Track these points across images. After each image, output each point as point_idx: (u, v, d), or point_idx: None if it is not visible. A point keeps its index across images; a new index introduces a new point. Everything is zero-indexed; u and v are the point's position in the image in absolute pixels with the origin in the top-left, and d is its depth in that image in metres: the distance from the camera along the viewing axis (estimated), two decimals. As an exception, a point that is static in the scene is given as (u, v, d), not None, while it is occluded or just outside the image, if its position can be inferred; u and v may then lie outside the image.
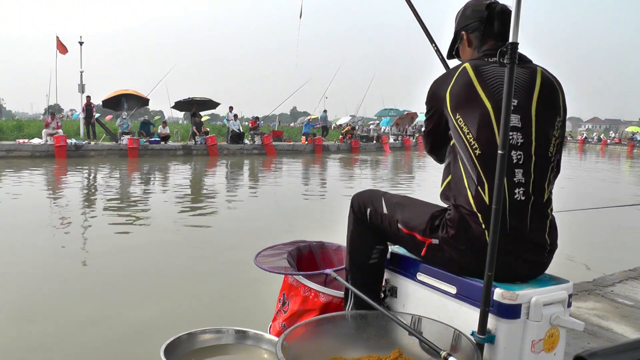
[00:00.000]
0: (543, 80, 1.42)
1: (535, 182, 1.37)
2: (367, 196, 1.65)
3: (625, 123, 73.41)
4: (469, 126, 1.36)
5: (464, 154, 1.38)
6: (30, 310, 3.36)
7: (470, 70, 1.40)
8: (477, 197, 1.35)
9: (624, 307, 2.66)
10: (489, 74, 1.39)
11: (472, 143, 1.35)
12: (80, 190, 9.54)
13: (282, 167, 15.76)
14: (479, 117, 1.35)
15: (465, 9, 1.59)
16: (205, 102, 21.53)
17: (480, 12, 1.53)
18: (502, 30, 1.50)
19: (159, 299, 3.67)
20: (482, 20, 1.52)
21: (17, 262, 4.46)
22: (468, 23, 1.56)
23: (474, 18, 1.54)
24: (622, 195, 10.80)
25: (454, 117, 1.39)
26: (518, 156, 1.36)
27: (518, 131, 1.36)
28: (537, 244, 1.39)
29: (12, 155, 14.92)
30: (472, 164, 1.36)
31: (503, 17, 1.50)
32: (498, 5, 1.52)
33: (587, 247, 5.74)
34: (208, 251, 5.12)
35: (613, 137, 45.24)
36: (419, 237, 1.47)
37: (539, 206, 1.38)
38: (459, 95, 1.39)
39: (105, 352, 2.83)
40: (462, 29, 1.58)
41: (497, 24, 1.50)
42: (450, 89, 1.41)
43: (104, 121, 23.08)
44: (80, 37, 19.77)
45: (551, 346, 1.35)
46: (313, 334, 1.44)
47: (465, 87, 1.38)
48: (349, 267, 1.69)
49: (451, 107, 1.40)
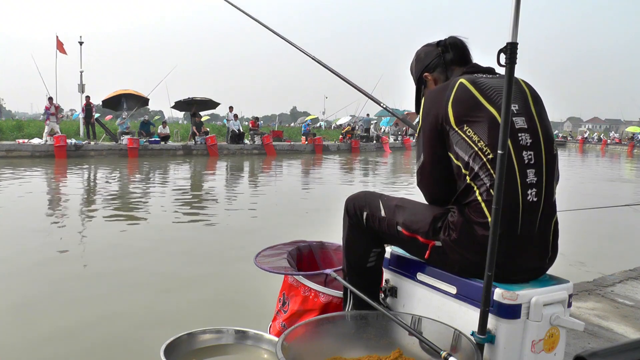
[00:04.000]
0: (527, 86, 1.47)
1: (547, 182, 1.37)
2: (363, 199, 1.63)
3: (626, 123, 73.39)
4: (479, 134, 1.34)
5: (473, 161, 1.34)
6: (30, 311, 3.36)
7: (467, 83, 1.41)
8: (488, 200, 1.31)
9: (624, 307, 2.66)
10: (484, 84, 1.41)
11: (485, 149, 1.33)
12: (80, 191, 9.54)
13: (282, 167, 15.76)
14: (487, 124, 1.34)
15: (418, 56, 1.66)
16: (205, 102, 21.53)
17: (433, 50, 1.61)
18: (462, 57, 1.57)
19: (158, 299, 3.67)
20: (439, 55, 1.59)
21: (17, 262, 4.45)
22: (427, 64, 1.61)
23: (430, 57, 1.61)
24: (623, 195, 10.80)
25: (460, 129, 1.37)
26: (529, 156, 1.35)
27: (525, 132, 1.36)
28: (542, 247, 1.39)
29: (12, 155, 14.92)
30: (484, 169, 1.33)
31: (457, 46, 1.58)
32: (447, 39, 1.60)
33: (587, 247, 5.73)
34: (208, 251, 5.12)
35: (613, 137, 45.23)
36: (421, 240, 1.46)
37: (548, 207, 1.38)
38: (464, 108, 1.38)
39: (105, 352, 2.83)
40: (423, 72, 1.63)
41: (453, 52, 1.57)
42: (451, 104, 1.39)
43: (104, 121, 23.07)
44: (80, 37, 19.79)
45: (551, 346, 1.35)
46: (313, 334, 1.44)
47: (468, 99, 1.38)
48: (347, 271, 1.68)
49: (455, 121, 1.37)
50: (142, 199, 8.68)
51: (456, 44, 1.58)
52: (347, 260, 1.67)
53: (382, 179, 12.96)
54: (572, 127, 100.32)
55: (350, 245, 1.66)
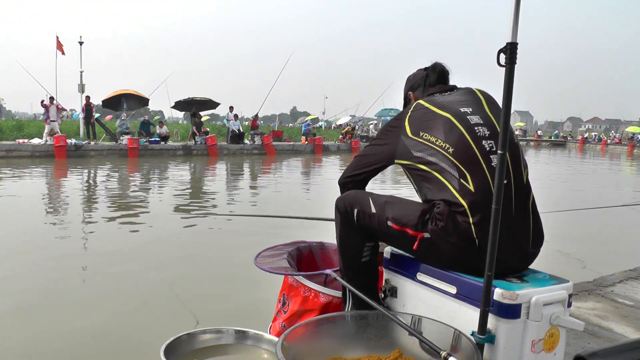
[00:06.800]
0: (482, 93, 1.65)
1: (512, 165, 1.46)
2: (353, 197, 1.66)
3: (626, 123, 73.44)
4: (437, 135, 1.51)
5: (436, 158, 1.49)
6: (30, 311, 3.36)
7: (422, 102, 1.63)
8: (462, 189, 1.42)
9: (624, 307, 2.66)
10: (439, 99, 1.62)
11: (444, 146, 1.49)
12: (80, 191, 9.54)
13: (282, 167, 15.76)
14: (442, 126, 1.52)
15: (408, 78, 1.91)
16: (205, 102, 21.53)
17: (420, 74, 1.86)
18: (439, 79, 1.79)
19: (158, 299, 3.67)
20: (423, 78, 1.83)
21: (17, 262, 4.46)
22: (412, 85, 1.86)
23: (416, 79, 1.86)
24: (623, 195, 10.80)
25: (418, 137, 1.55)
26: (490, 144, 1.48)
27: (482, 126, 1.51)
28: (524, 231, 1.46)
29: (12, 155, 14.92)
30: (448, 162, 1.46)
31: (437, 70, 1.80)
32: (431, 65, 1.83)
33: (587, 247, 5.73)
34: (208, 251, 5.12)
35: (613, 137, 45.24)
36: (410, 232, 1.50)
37: (520, 188, 1.47)
38: (419, 119, 1.58)
39: (105, 352, 2.83)
40: (408, 91, 1.87)
41: (433, 75, 1.80)
42: (408, 119, 1.61)
43: (104, 121, 23.08)
44: (80, 37, 19.80)
45: (551, 346, 1.35)
46: (313, 334, 1.44)
47: (423, 112, 1.59)
48: (343, 268, 1.70)
49: (412, 132, 1.57)
50: (141, 199, 8.69)
51: (435, 68, 1.81)
52: (343, 258, 1.69)
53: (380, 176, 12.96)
54: (572, 127, 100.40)
55: (344, 243, 1.68)
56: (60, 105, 17.23)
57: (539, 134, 51.45)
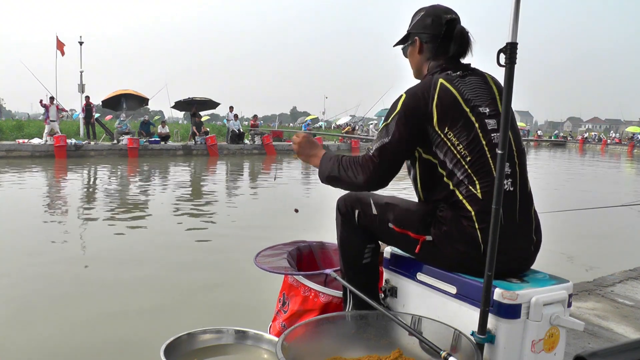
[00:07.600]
0: (495, 84, 1.54)
1: (520, 173, 1.46)
2: (354, 198, 1.65)
3: (625, 123, 73.43)
4: (460, 140, 1.43)
5: (452, 164, 1.43)
6: (30, 312, 3.36)
7: (446, 83, 1.47)
8: (470, 195, 1.40)
9: (624, 307, 2.66)
10: (460, 86, 1.48)
11: (463, 153, 1.42)
12: (80, 191, 9.54)
13: (282, 167, 15.76)
14: (465, 127, 1.43)
15: (425, 17, 1.60)
16: (205, 102, 21.54)
17: (438, 27, 1.56)
18: (458, 51, 1.56)
19: (158, 299, 3.67)
20: (439, 36, 1.56)
21: (17, 262, 4.45)
22: (425, 32, 1.59)
23: (431, 30, 1.57)
24: (623, 195, 10.79)
25: (442, 132, 1.44)
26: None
27: (496, 132, 1.43)
28: (526, 235, 1.45)
29: (12, 155, 14.91)
30: (462, 170, 1.42)
31: (462, 40, 1.55)
32: (457, 26, 1.55)
33: (587, 247, 5.73)
34: (208, 251, 5.12)
35: (613, 137, 45.22)
36: (412, 235, 1.49)
37: (524, 196, 1.46)
38: (446, 110, 1.44)
39: (105, 352, 2.83)
40: (417, 35, 1.61)
41: (453, 46, 1.55)
42: (435, 105, 1.45)
43: (104, 121, 23.07)
44: (80, 37, 19.79)
45: (551, 346, 1.35)
46: (313, 334, 1.44)
47: (450, 101, 1.45)
48: (344, 269, 1.69)
49: (439, 123, 1.44)
50: (141, 199, 8.68)
51: (462, 39, 1.55)
52: (343, 259, 1.69)
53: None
54: (572, 127, 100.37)
55: (345, 244, 1.67)
56: (61, 106, 17.21)
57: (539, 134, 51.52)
